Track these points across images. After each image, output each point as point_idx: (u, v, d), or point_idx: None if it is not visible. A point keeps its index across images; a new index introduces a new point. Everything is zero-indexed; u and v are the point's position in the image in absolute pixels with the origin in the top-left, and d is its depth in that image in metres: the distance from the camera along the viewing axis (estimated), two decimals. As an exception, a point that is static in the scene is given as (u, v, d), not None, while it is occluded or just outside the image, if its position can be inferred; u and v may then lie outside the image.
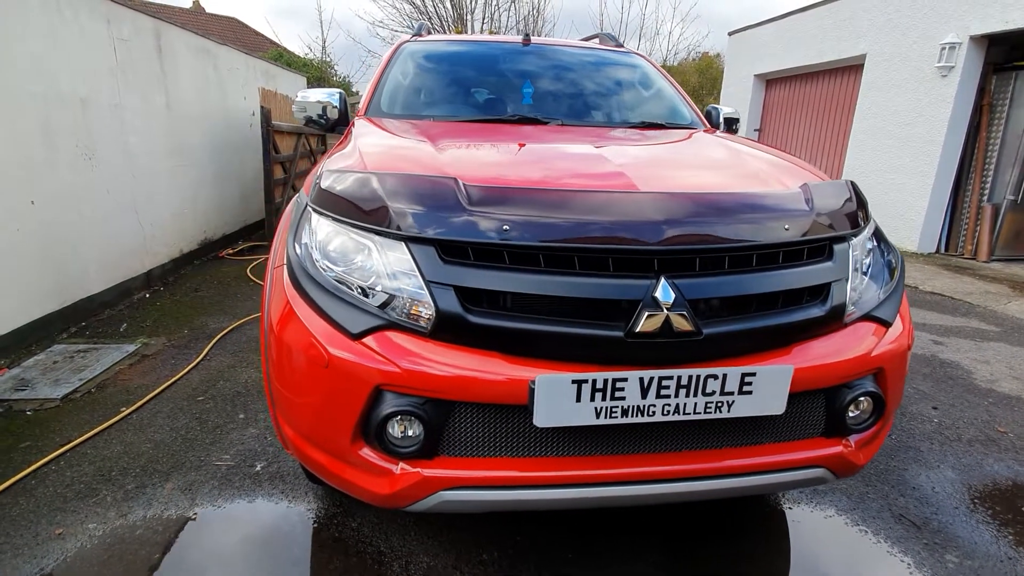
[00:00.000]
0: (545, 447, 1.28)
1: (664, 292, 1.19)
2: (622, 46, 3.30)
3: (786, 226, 1.34)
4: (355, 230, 1.32)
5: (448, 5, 19.54)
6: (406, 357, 1.20)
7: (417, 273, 1.22)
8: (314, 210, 1.42)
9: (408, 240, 1.25)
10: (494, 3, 19.55)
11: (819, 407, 1.38)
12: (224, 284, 4.71)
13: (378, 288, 1.26)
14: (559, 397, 1.16)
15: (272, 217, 5.98)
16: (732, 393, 1.22)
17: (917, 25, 6.40)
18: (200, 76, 5.35)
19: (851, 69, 7.56)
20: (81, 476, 2.12)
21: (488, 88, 2.60)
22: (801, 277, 1.33)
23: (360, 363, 1.21)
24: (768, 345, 1.30)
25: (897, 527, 2.00)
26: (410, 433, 1.24)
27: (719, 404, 1.23)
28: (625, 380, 1.17)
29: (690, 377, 1.20)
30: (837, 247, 1.41)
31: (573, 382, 1.16)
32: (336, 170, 1.47)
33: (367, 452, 1.28)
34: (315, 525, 1.91)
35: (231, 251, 5.78)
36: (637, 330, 1.18)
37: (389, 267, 1.26)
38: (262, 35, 20.98)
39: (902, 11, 6.61)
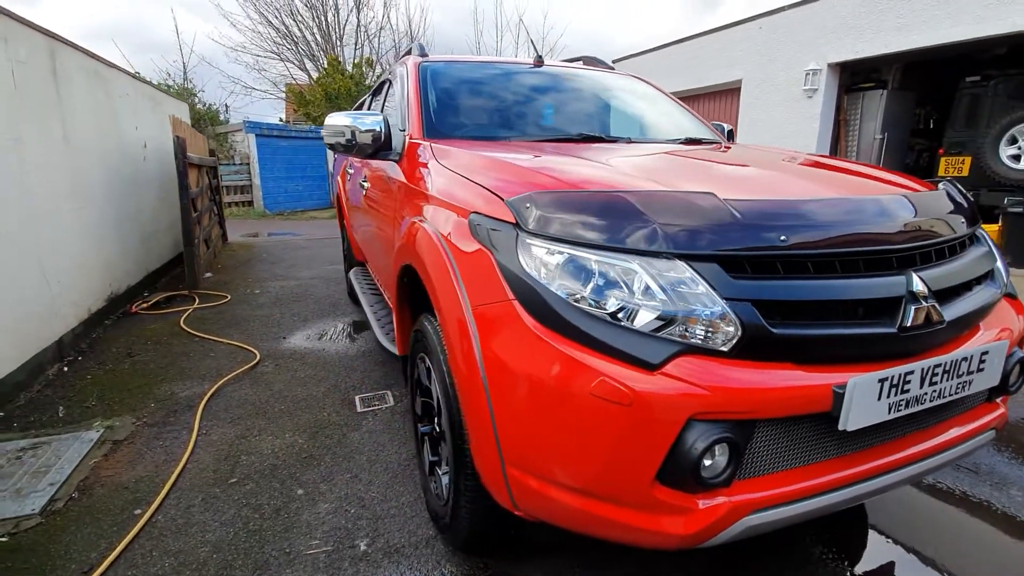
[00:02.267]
0: (826, 451, 1.28)
1: (918, 286, 1.28)
2: (613, 68, 3.45)
3: (961, 220, 1.51)
4: (608, 253, 1.22)
5: (316, 32, 18.80)
6: (715, 380, 1.13)
7: (708, 291, 1.16)
8: (540, 236, 1.29)
9: (688, 259, 1.19)
10: (362, 30, 19.24)
11: (994, 375, 1.56)
12: (162, 344, 3.97)
13: (648, 311, 1.18)
14: (867, 397, 1.18)
15: (194, 260, 5.20)
16: (973, 372, 1.34)
17: (783, 55, 7.55)
18: (95, 103, 4.52)
19: (730, 91, 8.66)
20: (146, 605, 1.64)
21: (540, 108, 2.56)
22: (982, 262, 1.50)
23: (672, 394, 1.11)
24: (972, 324, 1.44)
25: (963, 476, 2.31)
26: (719, 462, 1.17)
27: (964, 384, 1.33)
28: (912, 372, 1.23)
29: (952, 362, 1.29)
30: (979, 234, 1.63)
31: (879, 381, 1.18)
32: (558, 192, 1.34)
33: (665, 491, 1.17)
34: (474, 595, 1.69)
35: (144, 304, 4.89)
36: (908, 323, 1.24)
37: (668, 288, 1.18)
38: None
39: (769, 43, 7.75)
